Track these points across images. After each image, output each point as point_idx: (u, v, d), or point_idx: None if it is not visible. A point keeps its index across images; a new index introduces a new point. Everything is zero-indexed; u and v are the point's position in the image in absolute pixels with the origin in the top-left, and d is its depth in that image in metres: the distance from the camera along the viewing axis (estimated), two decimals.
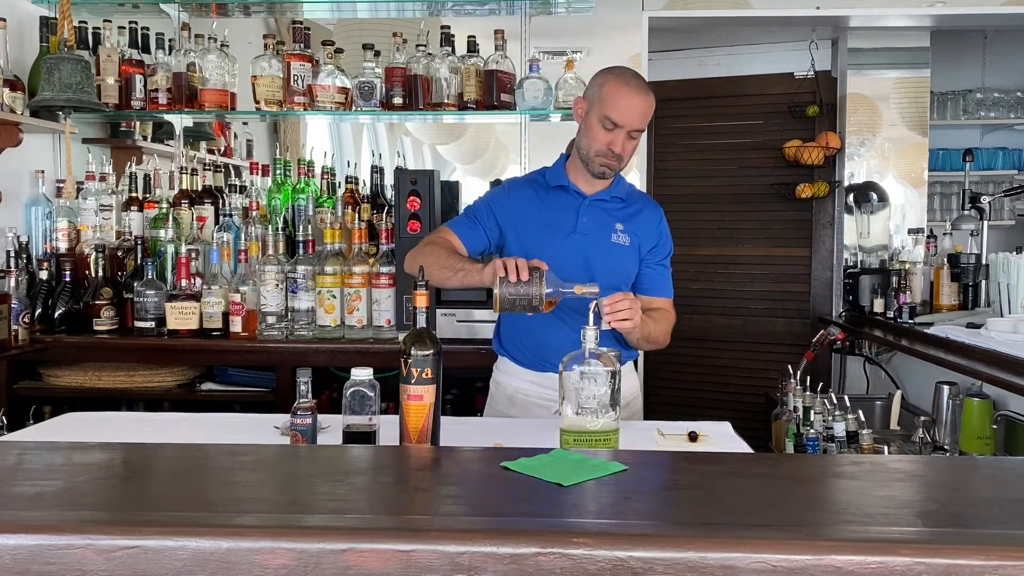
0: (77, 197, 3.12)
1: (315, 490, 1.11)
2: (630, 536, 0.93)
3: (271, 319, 2.85)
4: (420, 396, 1.53)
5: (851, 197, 4.01)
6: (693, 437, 1.85)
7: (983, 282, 3.27)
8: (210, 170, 3.38)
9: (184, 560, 0.89)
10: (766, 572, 0.87)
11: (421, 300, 1.59)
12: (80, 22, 3.16)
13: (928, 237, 3.76)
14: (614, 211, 2.11)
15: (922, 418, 2.76)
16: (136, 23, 3.34)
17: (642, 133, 2.03)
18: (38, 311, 2.91)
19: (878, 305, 3.42)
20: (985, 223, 3.45)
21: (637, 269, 2.12)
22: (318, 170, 3.42)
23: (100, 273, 2.94)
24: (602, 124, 1.97)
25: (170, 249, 3.02)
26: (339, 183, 3.44)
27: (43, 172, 3.23)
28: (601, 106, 1.98)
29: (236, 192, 3.25)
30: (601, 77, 2.04)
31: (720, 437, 1.88)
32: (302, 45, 3.15)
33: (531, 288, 1.76)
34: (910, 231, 4.00)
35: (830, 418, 2.53)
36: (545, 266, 1.80)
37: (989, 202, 3.50)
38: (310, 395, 1.61)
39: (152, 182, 3.42)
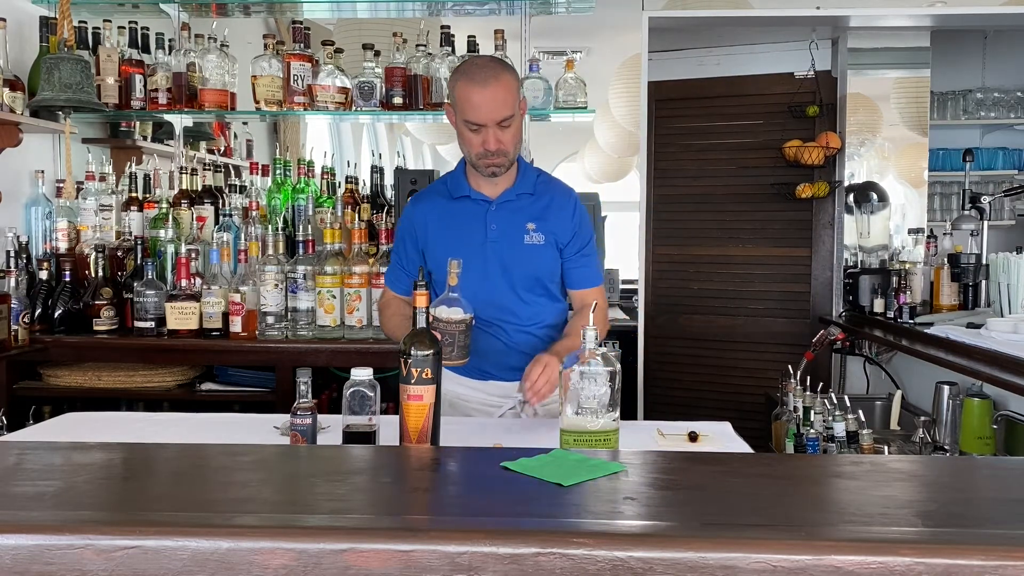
0: (77, 197, 3.13)
1: (315, 490, 1.11)
2: (630, 536, 0.93)
3: (271, 319, 2.85)
4: (420, 396, 1.54)
5: (851, 197, 4.01)
6: (693, 437, 1.85)
7: (983, 282, 3.26)
8: (210, 170, 3.38)
9: (184, 560, 0.89)
10: (766, 572, 0.87)
11: (421, 300, 1.59)
12: (80, 22, 3.16)
13: (928, 237, 3.76)
14: (524, 209, 2.04)
15: (922, 418, 2.75)
16: (136, 23, 3.34)
17: (513, 117, 1.91)
18: (38, 311, 2.91)
19: (878, 305, 3.42)
20: (985, 223, 3.45)
21: (559, 263, 2.07)
22: (318, 170, 3.42)
23: (100, 273, 2.94)
24: (467, 127, 1.91)
25: (170, 249, 3.02)
26: (339, 183, 3.44)
27: (43, 172, 3.23)
28: (458, 110, 1.92)
29: (236, 192, 3.25)
30: (453, 78, 1.96)
31: (720, 437, 1.88)
32: (302, 45, 3.15)
33: (454, 345, 1.78)
34: (910, 231, 4.00)
35: (830, 418, 2.52)
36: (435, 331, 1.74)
37: (989, 202, 3.50)
38: (310, 395, 1.61)
39: (152, 182, 3.42)
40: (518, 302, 2.05)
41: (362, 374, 1.59)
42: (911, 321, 3.15)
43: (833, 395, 2.67)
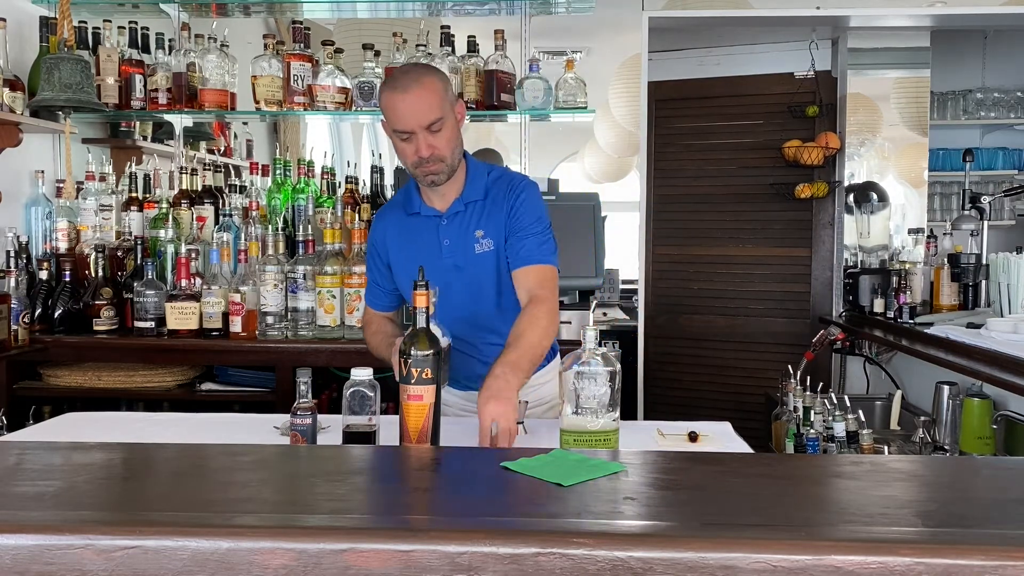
0: (77, 197, 3.12)
1: (315, 490, 1.11)
2: (630, 536, 0.93)
3: (271, 319, 2.85)
4: (420, 396, 1.54)
5: (851, 197, 4.01)
6: (693, 437, 1.85)
7: (983, 282, 3.27)
8: (210, 170, 3.38)
9: (184, 560, 0.89)
10: (766, 572, 0.87)
11: (421, 300, 1.59)
12: (80, 22, 3.16)
13: (928, 237, 3.76)
14: (473, 218, 1.98)
15: (922, 418, 2.76)
16: (136, 23, 3.34)
17: (444, 119, 1.84)
18: (38, 311, 2.91)
19: (878, 305, 3.42)
20: (985, 223, 3.45)
21: None
22: (318, 170, 3.42)
23: (100, 273, 2.94)
24: (398, 137, 1.86)
25: (170, 249, 3.02)
26: (339, 183, 3.44)
27: (43, 172, 3.23)
28: (388, 121, 1.87)
29: (236, 192, 3.25)
30: (379, 91, 1.93)
31: (720, 437, 1.88)
32: (302, 45, 3.15)
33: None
34: (910, 231, 4.00)
35: (830, 418, 2.53)
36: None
37: (989, 202, 3.50)
38: (310, 395, 1.61)
39: (152, 182, 3.41)
40: (484, 316, 2.00)
41: (362, 374, 1.59)
42: (911, 321, 3.15)
43: (833, 395, 2.67)
